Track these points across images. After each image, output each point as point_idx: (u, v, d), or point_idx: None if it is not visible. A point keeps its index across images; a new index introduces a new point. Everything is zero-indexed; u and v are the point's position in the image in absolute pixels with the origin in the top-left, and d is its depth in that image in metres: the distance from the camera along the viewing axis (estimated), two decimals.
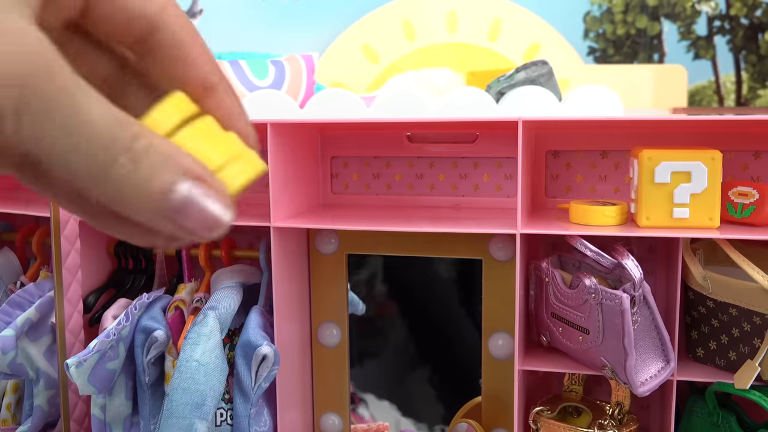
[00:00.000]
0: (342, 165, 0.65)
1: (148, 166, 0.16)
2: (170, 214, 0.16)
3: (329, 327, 0.64)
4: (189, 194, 0.16)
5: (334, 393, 0.65)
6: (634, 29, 1.42)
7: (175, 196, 0.16)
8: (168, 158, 0.16)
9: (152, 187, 0.16)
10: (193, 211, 0.16)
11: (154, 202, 0.16)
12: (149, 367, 0.59)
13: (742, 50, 1.38)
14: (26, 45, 0.16)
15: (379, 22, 1.45)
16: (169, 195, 0.16)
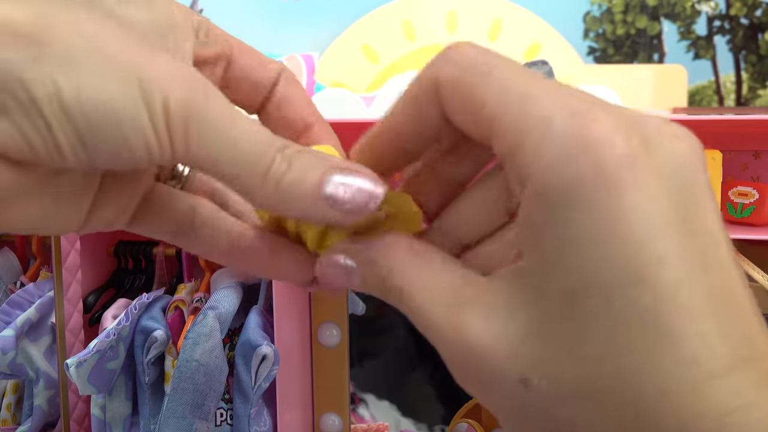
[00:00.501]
0: None
1: (301, 164, 0.18)
2: (328, 201, 0.18)
3: (329, 327, 0.64)
4: (341, 180, 0.18)
5: (334, 393, 0.65)
6: (634, 29, 1.42)
7: (328, 185, 0.18)
8: (316, 157, 0.18)
9: (307, 182, 0.18)
10: (348, 191, 0.18)
11: (310, 194, 0.18)
12: (149, 367, 0.59)
13: (742, 50, 1.38)
14: (188, 71, 0.18)
15: (379, 22, 1.45)
16: (322, 186, 0.18)
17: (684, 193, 0.16)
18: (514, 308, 0.17)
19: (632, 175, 0.15)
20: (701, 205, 0.16)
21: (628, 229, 0.15)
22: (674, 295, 0.15)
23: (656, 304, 0.15)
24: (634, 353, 0.15)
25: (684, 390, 0.15)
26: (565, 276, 0.16)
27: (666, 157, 0.16)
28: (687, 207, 0.15)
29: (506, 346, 0.16)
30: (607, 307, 0.15)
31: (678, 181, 0.16)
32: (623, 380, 0.15)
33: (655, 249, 0.15)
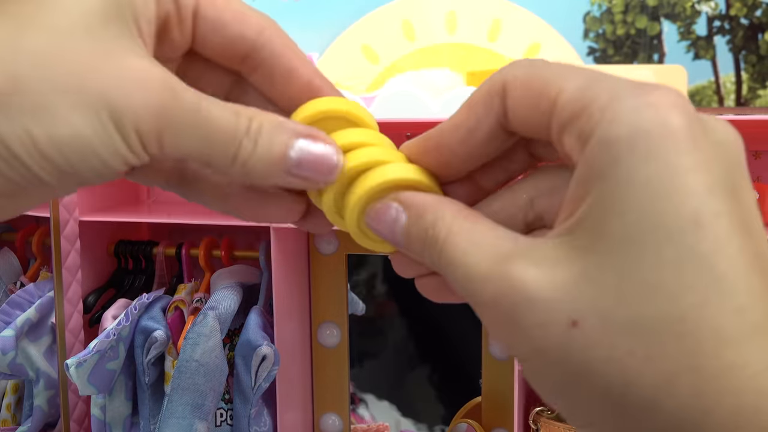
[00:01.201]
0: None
1: (264, 139, 0.19)
2: (292, 170, 0.20)
3: (329, 327, 0.64)
4: (302, 148, 0.20)
5: (334, 393, 0.65)
6: (634, 29, 1.42)
7: (292, 153, 0.19)
8: (278, 126, 0.20)
9: (273, 155, 0.19)
10: (309, 160, 0.20)
11: (277, 165, 0.20)
12: (149, 368, 0.59)
13: (742, 50, 1.38)
14: (151, 78, 0.19)
15: (379, 22, 1.45)
16: (287, 154, 0.19)
17: (731, 168, 0.17)
18: (567, 257, 0.17)
19: (693, 138, 0.17)
20: (744, 184, 0.17)
21: (691, 182, 0.16)
22: (729, 247, 0.16)
23: (714, 251, 0.16)
24: (694, 294, 0.16)
25: (736, 336, 0.16)
26: (627, 218, 0.17)
27: (718, 132, 0.18)
28: (734, 180, 0.17)
29: (557, 289, 0.17)
30: (667, 248, 0.16)
31: (727, 157, 0.17)
32: (682, 317, 0.16)
33: (713, 204, 0.16)
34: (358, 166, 0.21)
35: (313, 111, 0.22)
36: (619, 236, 0.17)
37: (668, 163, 0.17)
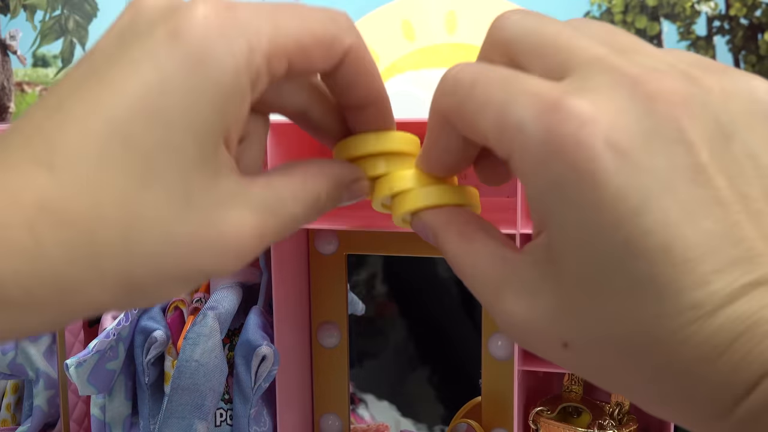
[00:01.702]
0: None
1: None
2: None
3: (329, 327, 0.64)
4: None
5: (333, 393, 0.65)
6: (634, 29, 1.42)
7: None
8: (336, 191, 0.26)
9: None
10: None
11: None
12: (149, 368, 0.59)
13: (742, 50, 1.38)
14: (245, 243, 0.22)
15: (378, 22, 1.45)
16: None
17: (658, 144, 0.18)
18: (543, 285, 0.20)
19: (602, 164, 0.17)
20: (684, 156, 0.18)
21: (613, 214, 0.17)
22: (666, 257, 0.17)
23: (651, 270, 0.17)
24: (644, 311, 0.17)
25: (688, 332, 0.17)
26: (575, 260, 0.18)
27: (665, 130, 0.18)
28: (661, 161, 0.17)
29: (543, 319, 0.20)
30: (612, 280, 0.18)
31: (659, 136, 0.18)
32: (638, 335, 0.18)
33: (640, 224, 0.17)
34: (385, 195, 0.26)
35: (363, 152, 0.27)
36: (576, 276, 0.18)
37: (590, 203, 0.18)
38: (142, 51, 0.20)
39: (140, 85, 0.19)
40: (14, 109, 1.72)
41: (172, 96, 0.20)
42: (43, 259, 0.18)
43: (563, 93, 0.18)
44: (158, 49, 0.20)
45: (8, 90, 1.69)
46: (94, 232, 0.19)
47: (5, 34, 1.71)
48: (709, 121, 0.18)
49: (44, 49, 1.70)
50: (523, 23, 0.22)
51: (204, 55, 0.20)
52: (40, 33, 1.69)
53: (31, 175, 0.18)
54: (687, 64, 0.19)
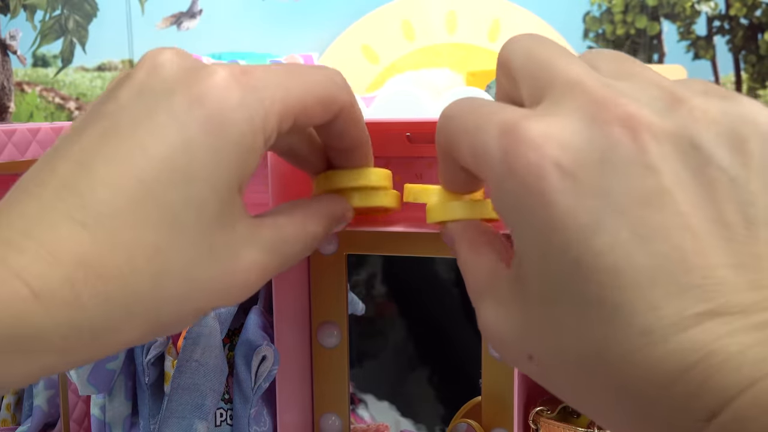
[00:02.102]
0: None
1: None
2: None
3: (329, 327, 0.64)
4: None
5: (333, 393, 0.65)
6: (634, 29, 1.42)
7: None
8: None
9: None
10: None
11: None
12: (149, 368, 0.59)
13: (742, 50, 1.38)
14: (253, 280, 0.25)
15: (378, 22, 1.45)
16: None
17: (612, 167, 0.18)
18: (515, 300, 0.21)
19: (551, 185, 0.18)
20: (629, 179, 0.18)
21: (563, 233, 0.18)
22: (615, 280, 0.17)
23: (599, 291, 0.17)
24: (594, 331, 0.18)
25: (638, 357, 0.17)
26: (533, 276, 0.19)
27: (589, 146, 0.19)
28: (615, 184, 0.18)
29: (512, 331, 0.21)
30: (565, 299, 0.18)
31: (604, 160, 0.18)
32: (591, 356, 0.18)
33: (590, 245, 0.18)
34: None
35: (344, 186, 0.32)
36: (537, 294, 0.19)
37: (543, 223, 0.18)
38: (167, 115, 0.22)
39: (166, 146, 0.21)
40: (14, 109, 1.72)
41: (196, 157, 0.22)
42: (81, 311, 0.20)
43: (522, 117, 0.19)
44: (183, 113, 0.22)
45: (8, 90, 1.69)
46: (128, 284, 0.21)
47: (5, 34, 1.71)
48: (682, 147, 0.18)
49: (44, 49, 1.70)
50: (522, 45, 0.22)
51: (225, 120, 0.22)
52: (40, 33, 1.69)
53: (68, 234, 0.20)
54: (682, 89, 0.19)
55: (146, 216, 0.21)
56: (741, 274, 0.17)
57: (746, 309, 0.17)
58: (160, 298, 0.21)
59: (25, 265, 0.20)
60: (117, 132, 0.22)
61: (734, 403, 0.16)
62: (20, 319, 0.19)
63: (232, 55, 1.14)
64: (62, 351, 0.20)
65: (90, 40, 1.66)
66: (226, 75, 0.22)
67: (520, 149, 0.18)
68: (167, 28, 1.60)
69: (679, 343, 0.17)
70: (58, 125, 0.48)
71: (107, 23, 1.64)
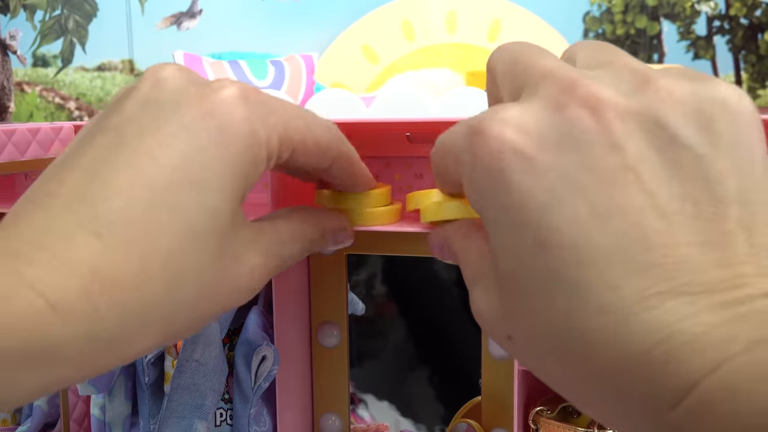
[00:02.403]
0: None
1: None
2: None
3: (329, 327, 0.64)
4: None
5: (333, 393, 0.65)
6: (634, 29, 1.42)
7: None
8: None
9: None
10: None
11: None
12: (149, 368, 0.59)
13: (742, 50, 1.38)
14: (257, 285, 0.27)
15: (378, 22, 1.45)
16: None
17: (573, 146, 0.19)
18: (495, 285, 0.21)
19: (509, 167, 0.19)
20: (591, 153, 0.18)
21: (523, 213, 0.18)
22: (574, 256, 0.17)
23: (559, 267, 0.18)
24: (557, 309, 0.18)
25: (598, 336, 0.17)
26: (501, 257, 0.20)
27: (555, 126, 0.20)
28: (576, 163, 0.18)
29: (493, 314, 0.21)
30: (530, 278, 0.19)
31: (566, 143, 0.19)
32: (556, 334, 0.18)
33: (547, 222, 0.18)
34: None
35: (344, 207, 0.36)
36: (507, 275, 0.20)
37: (505, 206, 0.19)
38: (177, 126, 0.22)
39: (178, 155, 0.22)
40: (14, 109, 1.72)
41: (208, 166, 0.22)
42: (99, 323, 0.20)
43: (488, 110, 0.20)
44: (194, 124, 0.22)
45: (8, 90, 1.69)
46: (144, 293, 0.21)
47: (5, 34, 1.71)
48: (647, 126, 0.18)
49: (44, 49, 1.70)
50: (506, 50, 0.23)
51: (235, 132, 0.23)
52: (40, 33, 1.69)
53: (82, 244, 0.20)
54: (654, 72, 0.20)
55: (159, 223, 0.21)
56: (707, 252, 0.17)
57: (712, 288, 0.16)
58: (174, 303, 0.22)
59: (39, 276, 0.19)
60: (125, 142, 0.22)
61: (699, 386, 0.16)
62: (37, 332, 0.19)
63: (232, 55, 1.14)
64: (78, 363, 0.20)
65: (90, 40, 1.66)
66: (236, 90, 0.24)
67: (482, 139, 0.19)
68: (167, 28, 1.60)
69: (640, 323, 0.16)
70: (58, 125, 0.48)
71: (107, 23, 1.64)
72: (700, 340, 0.16)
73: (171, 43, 1.57)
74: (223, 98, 0.23)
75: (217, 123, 0.23)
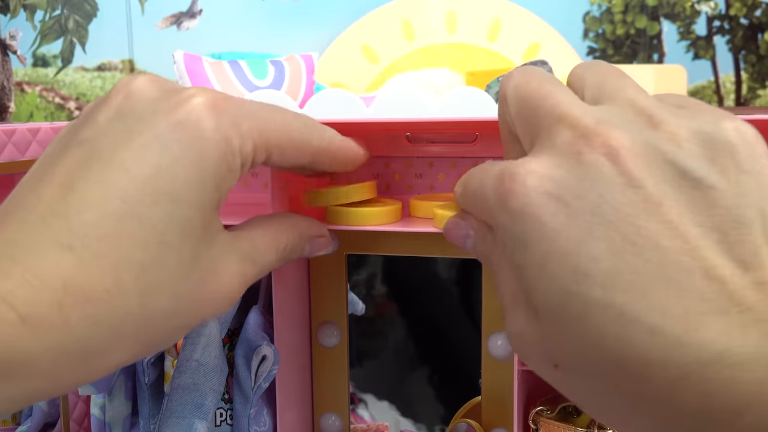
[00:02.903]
0: None
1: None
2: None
3: (329, 327, 0.64)
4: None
5: (333, 393, 0.65)
6: (634, 29, 1.42)
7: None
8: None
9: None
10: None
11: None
12: (149, 368, 0.59)
13: (742, 50, 1.38)
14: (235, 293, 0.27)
15: (378, 22, 1.45)
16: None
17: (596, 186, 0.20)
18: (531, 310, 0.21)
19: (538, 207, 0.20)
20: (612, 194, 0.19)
21: (559, 248, 0.19)
22: (617, 282, 0.18)
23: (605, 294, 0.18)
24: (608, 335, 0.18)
25: (653, 357, 0.18)
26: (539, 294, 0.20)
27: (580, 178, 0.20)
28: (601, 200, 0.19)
29: (535, 340, 0.21)
30: (571, 308, 0.19)
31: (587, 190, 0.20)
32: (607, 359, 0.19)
33: (587, 253, 0.19)
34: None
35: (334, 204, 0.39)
36: (543, 307, 0.20)
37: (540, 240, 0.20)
38: (149, 136, 0.22)
39: (150, 167, 0.22)
40: (14, 109, 1.72)
41: (180, 177, 0.22)
42: (70, 335, 0.20)
43: (512, 164, 0.21)
44: (165, 135, 0.23)
45: (8, 90, 1.69)
46: (116, 305, 0.21)
47: (5, 34, 1.71)
48: (659, 162, 0.19)
49: (44, 49, 1.70)
50: (513, 81, 0.24)
51: (206, 141, 0.23)
52: (40, 33, 1.69)
53: (55, 258, 0.20)
54: (656, 108, 0.21)
55: (131, 235, 0.21)
56: (742, 273, 0.18)
57: (753, 306, 0.17)
58: (148, 316, 0.22)
59: (11, 289, 0.20)
60: (99, 155, 0.22)
61: (754, 406, 0.16)
62: (7, 344, 0.19)
63: (232, 55, 1.13)
64: (51, 375, 0.20)
65: (90, 40, 1.66)
66: (206, 99, 0.24)
67: (509, 186, 0.20)
68: (167, 28, 1.60)
69: (691, 343, 0.17)
70: (58, 125, 0.48)
71: (107, 23, 1.64)
72: (750, 358, 0.16)
73: (171, 43, 1.57)
74: (193, 108, 0.23)
75: (188, 133, 0.23)
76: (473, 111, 0.56)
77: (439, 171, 0.65)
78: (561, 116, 0.21)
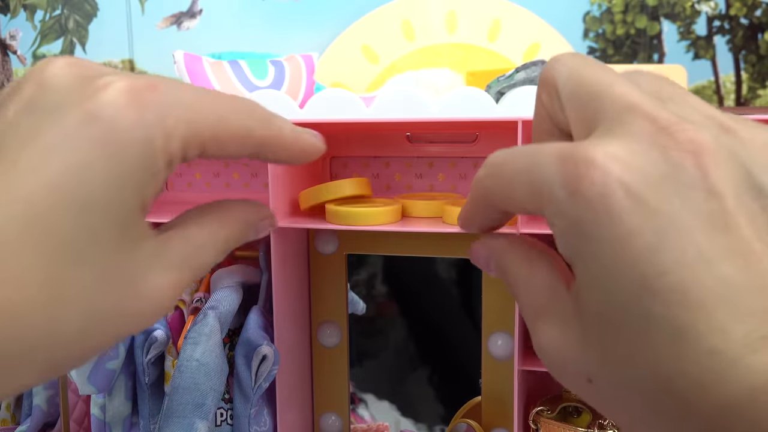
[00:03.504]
0: (342, 165, 0.66)
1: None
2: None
3: (329, 327, 0.64)
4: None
5: (333, 393, 0.65)
6: (634, 29, 1.42)
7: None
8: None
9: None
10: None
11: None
12: (149, 367, 0.59)
13: (742, 50, 1.38)
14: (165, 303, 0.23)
15: (378, 22, 1.45)
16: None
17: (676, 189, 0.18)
18: (572, 317, 0.20)
19: (616, 203, 0.18)
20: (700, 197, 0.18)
21: (629, 251, 0.18)
22: (682, 299, 0.17)
23: (667, 311, 0.17)
24: (659, 353, 0.17)
25: (707, 379, 0.17)
26: (594, 296, 0.19)
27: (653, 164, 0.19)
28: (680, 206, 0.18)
29: (572, 354, 0.20)
30: (628, 321, 0.18)
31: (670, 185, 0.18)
32: (656, 377, 0.18)
33: (655, 263, 0.17)
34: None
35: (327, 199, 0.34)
36: (599, 315, 0.19)
37: (608, 240, 0.18)
38: (58, 134, 0.20)
39: (58, 171, 0.20)
40: None
41: (92, 181, 0.20)
42: None
43: (580, 144, 0.19)
44: (75, 132, 0.20)
45: None
46: (21, 317, 0.19)
47: (5, 34, 1.71)
48: (739, 172, 0.18)
49: (44, 48, 1.70)
50: (567, 65, 0.22)
51: (122, 140, 0.20)
52: (40, 33, 1.69)
53: None
54: (725, 117, 0.20)
55: (35, 243, 0.19)
56: None
57: None
58: (56, 332, 0.20)
59: None
60: (5, 153, 0.20)
61: None
62: None
63: (232, 55, 1.14)
64: None
65: (90, 40, 1.66)
66: (123, 88, 0.21)
67: (581, 170, 0.18)
68: (167, 28, 1.60)
69: (746, 366, 0.16)
70: None
71: (107, 23, 1.64)
72: None
73: (171, 43, 1.57)
74: (107, 100, 0.20)
75: (101, 129, 0.20)
76: (473, 111, 0.56)
77: (439, 171, 0.65)
78: (633, 105, 0.19)
